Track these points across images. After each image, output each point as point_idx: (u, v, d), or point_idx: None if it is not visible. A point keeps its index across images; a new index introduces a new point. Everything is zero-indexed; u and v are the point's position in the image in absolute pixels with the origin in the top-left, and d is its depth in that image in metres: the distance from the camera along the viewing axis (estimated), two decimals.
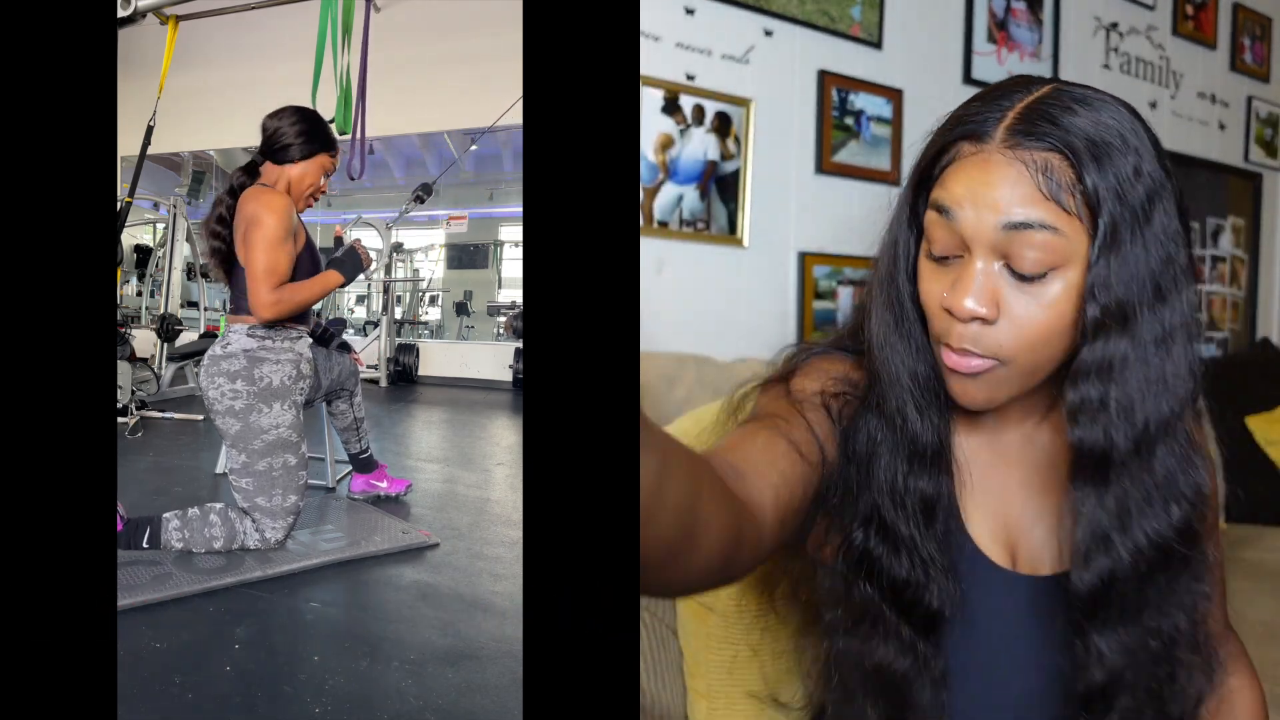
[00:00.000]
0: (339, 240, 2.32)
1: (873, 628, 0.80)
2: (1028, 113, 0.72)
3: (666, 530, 0.59)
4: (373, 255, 2.36)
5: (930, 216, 0.76)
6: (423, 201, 2.75)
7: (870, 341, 0.82)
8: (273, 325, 2.08)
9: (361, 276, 2.30)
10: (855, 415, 0.83)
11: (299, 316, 2.13)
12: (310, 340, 2.24)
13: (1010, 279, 0.72)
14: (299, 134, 2.15)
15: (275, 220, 2.02)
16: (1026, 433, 0.85)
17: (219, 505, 2.07)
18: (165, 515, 2.00)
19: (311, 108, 2.30)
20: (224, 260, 2.16)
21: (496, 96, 2.78)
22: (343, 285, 2.21)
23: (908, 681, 0.79)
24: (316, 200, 2.28)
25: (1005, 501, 0.85)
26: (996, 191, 0.71)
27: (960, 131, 0.75)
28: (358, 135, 3.97)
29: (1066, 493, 0.79)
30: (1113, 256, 0.71)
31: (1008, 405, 0.80)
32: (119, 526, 1.94)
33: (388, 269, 7.13)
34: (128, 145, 3.69)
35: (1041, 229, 0.70)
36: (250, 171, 2.17)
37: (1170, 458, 0.75)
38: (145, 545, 1.96)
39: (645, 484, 0.55)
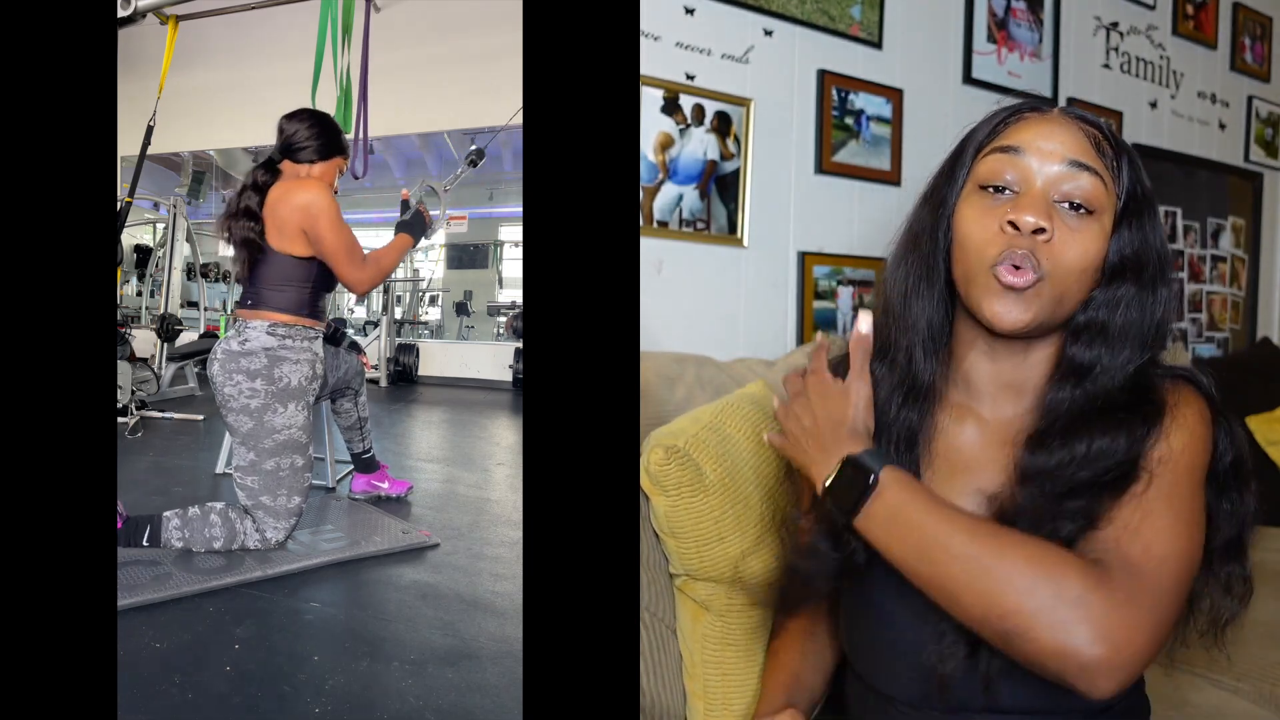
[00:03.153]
0: (404, 203, 2.42)
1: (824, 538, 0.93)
2: (1069, 106, 0.96)
3: None
4: (434, 216, 2.46)
5: (992, 158, 0.90)
6: (475, 165, 2.81)
7: (890, 293, 0.97)
8: (292, 323, 2.09)
9: (424, 238, 2.43)
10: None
11: (317, 315, 2.15)
12: (323, 340, 2.24)
13: (1062, 211, 0.87)
14: (315, 136, 2.20)
15: (330, 202, 2.09)
16: (1018, 415, 0.93)
17: (219, 505, 2.07)
18: (165, 514, 2.00)
19: (325, 111, 2.34)
20: (254, 252, 2.12)
21: (496, 96, 2.78)
22: (414, 246, 2.33)
23: (825, 578, 0.95)
24: None
25: (984, 485, 0.92)
26: (1062, 138, 0.88)
27: (1022, 105, 0.92)
28: (359, 135, 3.97)
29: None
30: (1133, 220, 0.89)
31: (1002, 391, 0.93)
32: (119, 524, 1.94)
33: None
34: (128, 145, 3.69)
35: (1094, 174, 0.87)
36: (270, 168, 2.19)
37: (1133, 394, 0.87)
38: (145, 543, 1.96)
39: None
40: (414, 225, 2.34)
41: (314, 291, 2.14)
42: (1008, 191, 0.88)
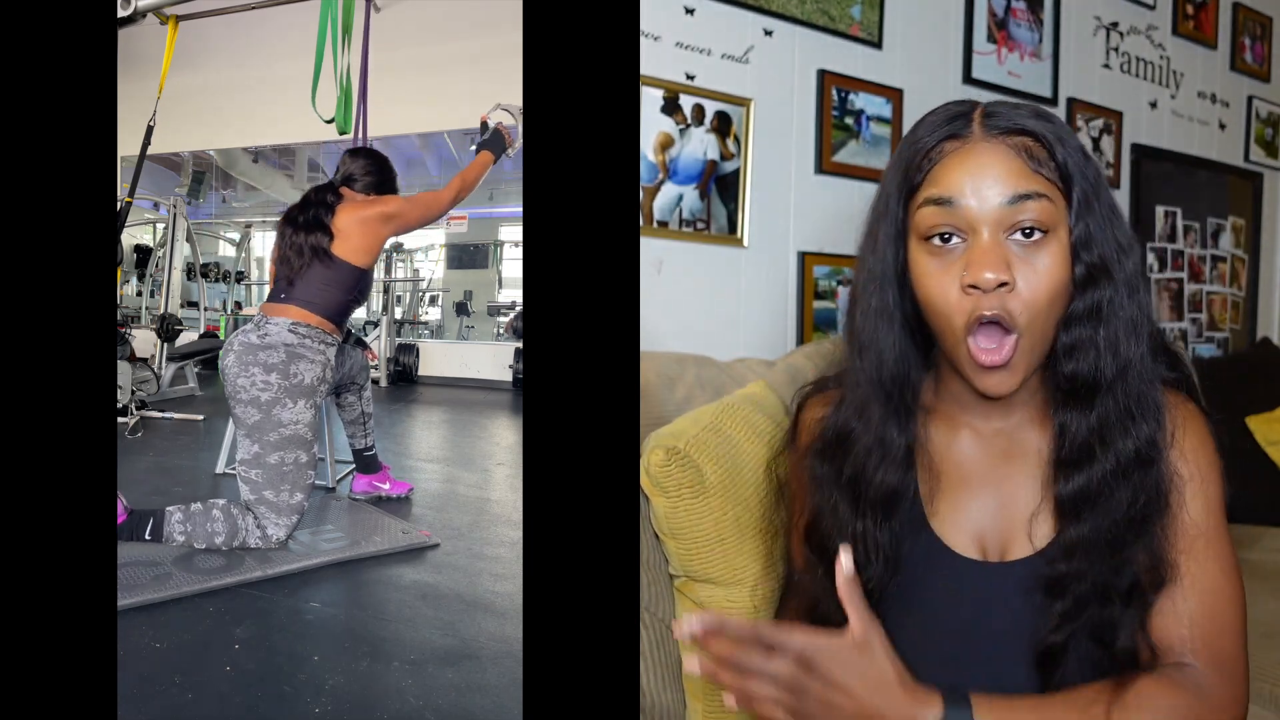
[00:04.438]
0: (484, 124, 2.60)
1: (824, 595, 0.90)
2: (989, 113, 0.85)
3: None
4: (512, 137, 2.62)
5: (926, 211, 0.84)
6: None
7: (853, 348, 0.92)
8: (313, 325, 2.19)
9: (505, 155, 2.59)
10: (834, 412, 0.94)
11: (339, 325, 2.29)
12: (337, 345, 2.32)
13: (1015, 247, 0.82)
14: (369, 173, 2.47)
15: (399, 198, 2.38)
16: (1013, 425, 0.92)
17: (222, 501, 2.08)
18: (168, 509, 2.02)
19: (384, 154, 2.58)
20: (316, 257, 2.24)
21: (496, 96, 2.79)
22: (494, 163, 2.53)
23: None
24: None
25: (984, 496, 0.92)
26: (994, 171, 0.81)
27: (938, 136, 0.85)
28: (359, 135, 3.96)
29: (1046, 471, 0.89)
30: (1089, 220, 0.83)
31: (993, 405, 0.90)
32: (122, 518, 1.96)
33: (388, 269, 7.14)
34: (128, 145, 3.68)
35: (1038, 198, 0.81)
36: (334, 191, 2.39)
37: (1140, 383, 0.86)
38: (148, 537, 1.98)
39: None
40: (494, 143, 2.53)
41: (349, 300, 2.28)
42: (954, 239, 0.83)
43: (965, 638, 0.88)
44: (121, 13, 3.84)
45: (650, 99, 1.76)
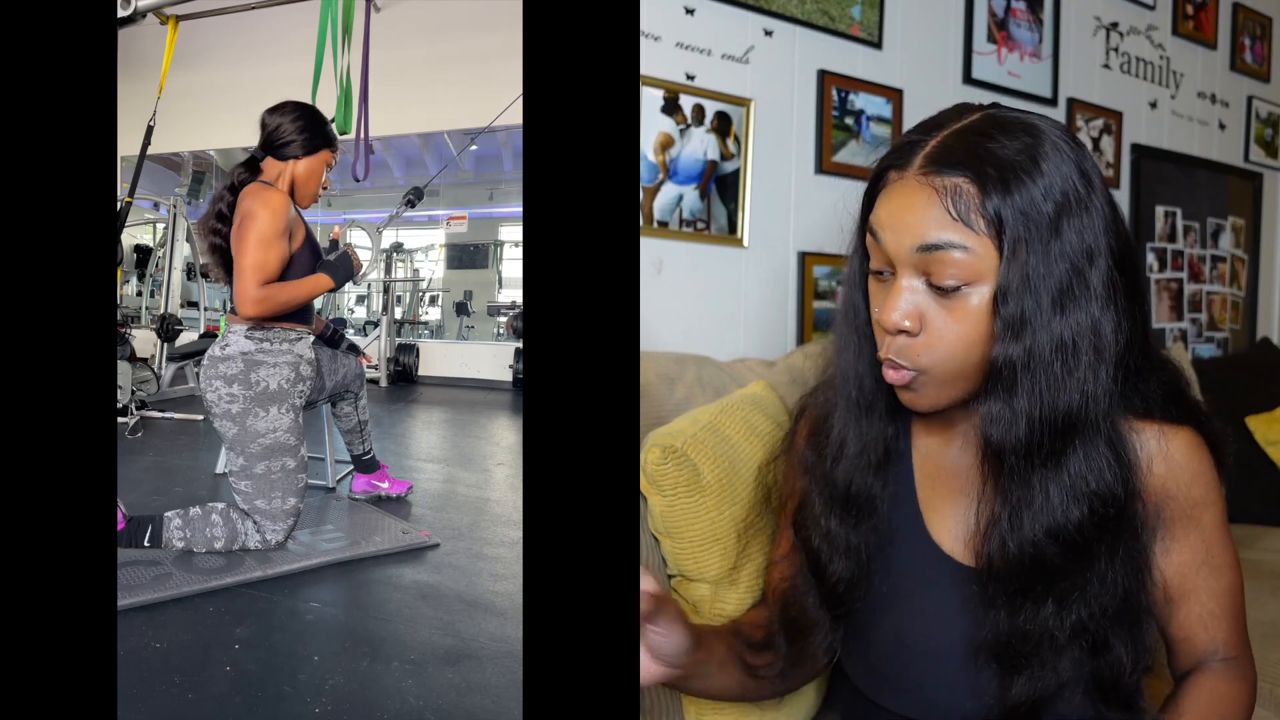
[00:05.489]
0: (334, 243, 2.31)
1: (804, 580, 0.95)
2: (947, 141, 0.79)
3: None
4: (364, 259, 2.33)
5: (868, 238, 0.84)
6: (413, 205, 2.74)
7: (836, 358, 0.93)
8: (270, 326, 2.05)
9: (350, 283, 2.27)
10: (824, 418, 0.96)
11: (299, 316, 2.11)
12: (313, 340, 2.22)
13: (930, 295, 0.79)
14: (300, 130, 2.12)
15: (269, 216, 1.97)
16: (971, 429, 0.91)
17: (220, 505, 2.07)
18: (167, 514, 2.00)
19: (310, 103, 2.27)
20: (224, 258, 2.12)
21: (496, 96, 2.77)
22: (332, 290, 2.15)
23: (813, 635, 0.95)
24: (319, 197, 2.27)
25: (966, 497, 0.91)
26: (912, 215, 0.78)
27: (887, 161, 0.83)
28: (361, 136, 3.96)
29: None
30: (1015, 270, 0.76)
31: (953, 408, 0.87)
32: (121, 525, 1.95)
33: (388, 269, 7.14)
34: (128, 145, 3.69)
35: (951, 248, 0.76)
36: (251, 167, 2.13)
37: (1080, 462, 0.80)
38: (147, 544, 1.96)
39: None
40: (336, 267, 2.15)
41: None
42: (885, 273, 0.83)
43: (964, 643, 0.88)
44: (121, 13, 3.85)
45: (650, 99, 1.76)
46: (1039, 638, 0.82)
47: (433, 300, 9.20)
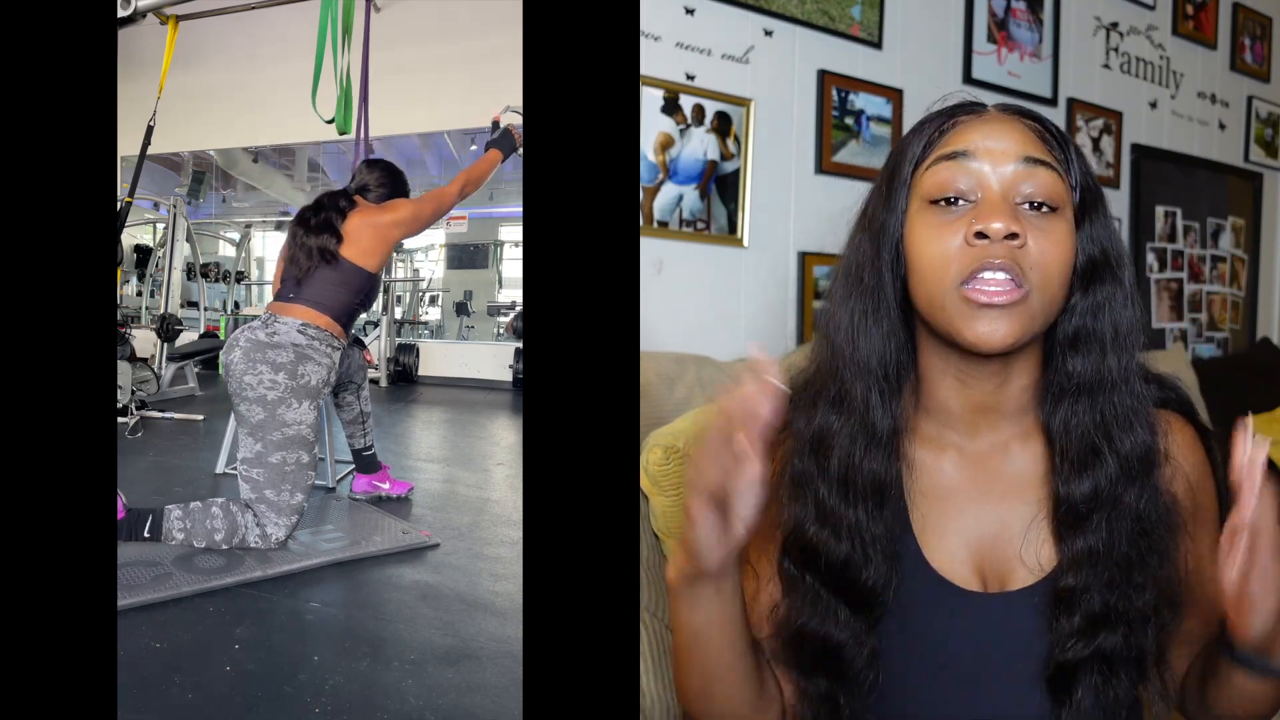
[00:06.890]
0: (495, 124, 2.63)
1: (814, 609, 0.86)
2: (1003, 104, 0.85)
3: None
4: (522, 138, 2.62)
5: (938, 168, 0.81)
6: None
7: (834, 335, 0.87)
8: (321, 329, 2.21)
9: (515, 154, 2.60)
10: (809, 413, 0.88)
11: (346, 328, 2.31)
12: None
13: (1026, 213, 0.79)
14: (382, 184, 2.52)
15: (402, 199, 2.47)
16: (1001, 442, 0.87)
17: (221, 499, 2.09)
18: (167, 507, 2.03)
19: (397, 165, 2.62)
20: (324, 259, 2.26)
21: (496, 96, 2.79)
22: (503, 161, 2.56)
23: (844, 656, 0.85)
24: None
25: (976, 521, 0.87)
26: (1009, 137, 0.81)
27: (955, 109, 0.85)
28: (361, 136, 3.96)
29: (1041, 490, 0.86)
30: (1093, 216, 0.83)
31: (981, 416, 0.86)
32: (121, 516, 1.96)
33: (388, 269, 7.14)
34: (128, 145, 3.68)
35: (1050, 168, 0.80)
36: (348, 199, 2.42)
37: (1139, 384, 0.84)
38: (147, 535, 1.98)
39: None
40: (503, 142, 2.56)
41: (356, 304, 2.31)
42: (961, 202, 0.79)
43: (976, 672, 0.85)
44: (121, 13, 3.85)
45: (650, 99, 1.76)
46: (1111, 656, 0.81)
47: (433, 300, 9.21)
